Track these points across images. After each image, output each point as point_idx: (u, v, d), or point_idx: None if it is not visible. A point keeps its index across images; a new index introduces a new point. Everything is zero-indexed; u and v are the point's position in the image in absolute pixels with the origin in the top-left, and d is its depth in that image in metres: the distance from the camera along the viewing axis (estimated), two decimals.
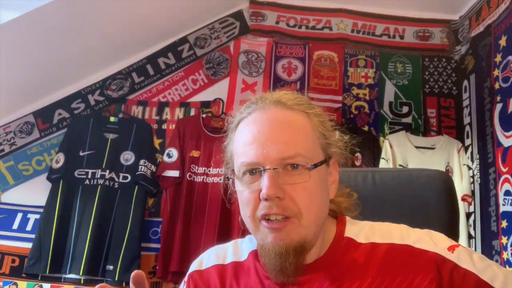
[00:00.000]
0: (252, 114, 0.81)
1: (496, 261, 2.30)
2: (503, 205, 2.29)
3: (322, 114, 0.84)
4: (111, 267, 2.49)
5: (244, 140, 0.79)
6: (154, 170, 2.69)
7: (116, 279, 2.48)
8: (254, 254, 0.87)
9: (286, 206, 0.75)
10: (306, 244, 0.77)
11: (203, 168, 2.69)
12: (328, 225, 0.83)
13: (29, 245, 2.53)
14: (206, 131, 2.76)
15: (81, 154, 2.66)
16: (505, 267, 2.20)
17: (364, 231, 0.83)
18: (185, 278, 0.92)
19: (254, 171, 0.77)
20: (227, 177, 0.83)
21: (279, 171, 0.75)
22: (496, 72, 2.48)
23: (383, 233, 0.83)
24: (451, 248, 0.79)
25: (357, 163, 2.60)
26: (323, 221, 0.81)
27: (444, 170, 2.62)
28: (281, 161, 0.75)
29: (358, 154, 2.62)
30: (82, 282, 2.51)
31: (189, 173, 2.67)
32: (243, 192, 0.78)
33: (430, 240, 0.80)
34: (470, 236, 2.59)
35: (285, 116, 0.79)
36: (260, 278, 0.83)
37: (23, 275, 2.52)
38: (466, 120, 2.83)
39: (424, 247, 0.79)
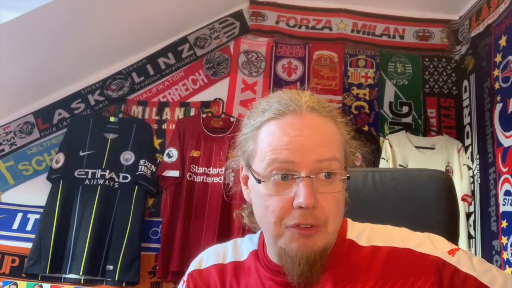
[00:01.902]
0: (285, 117, 0.78)
1: (496, 261, 2.30)
2: (503, 205, 2.29)
3: (346, 122, 0.85)
4: (111, 267, 2.49)
5: (277, 141, 0.76)
6: (154, 170, 2.69)
7: (116, 279, 2.48)
8: (255, 254, 0.87)
9: (317, 215, 0.75)
10: (327, 249, 0.78)
11: (203, 168, 2.69)
12: None
13: (29, 245, 2.53)
14: (206, 131, 2.76)
15: (81, 154, 2.66)
16: (505, 267, 2.20)
17: (365, 234, 0.84)
18: (184, 277, 0.91)
19: (286, 176, 0.75)
20: (260, 179, 0.77)
21: (313, 179, 0.74)
22: (496, 72, 2.48)
23: (384, 236, 0.83)
24: (452, 252, 0.79)
25: (357, 163, 2.60)
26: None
27: (444, 170, 2.62)
28: (318, 163, 0.74)
29: (358, 154, 2.61)
30: (82, 282, 2.51)
31: (189, 173, 2.67)
32: (270, 197, 0.76)
33: (430, 244, 0.80)
34: (470, 236, 2.59)
35: (320, 123, 0.78)
36: (261, 279, 0.83)
37: (23, 275, 2.52)
38: (466, 120, 2.83)
39: (425, 251, 0.79)
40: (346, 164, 0.82)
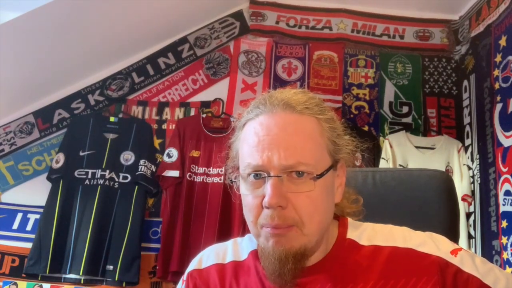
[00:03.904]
0: (259, 116, 0.79)
1: (496, 261, 2.30)
2: (503, 205, 2.29)
3: (332, 118, 0.82)
4: (111, 267, 2.49)
5: (250, 141, 0.77)
6: (154, 170, 2.69)
7: (116, 279, 2.48)
8: (254, 254, 0.86)
9: (288, 215, 0.74)
10: (307, 251, 0.76)
11: (203, 168, 2.69)
12: (330, 227, 0.83)
13: (29, 245, 2.53)
14: (206, 131, 2.76)
15: (81, 154, 2.66)
16: (505, 267, 2.20)
17: (366, 234, 0.83)
18: (184, 277, 0.91)
19: (258, 175, 0.76)
20: (231, 180, 0.82)
21: (284, 178, 0.74)
22: (496, 72, 2.48)
23: (385, 235, 0.82)
24: (454, 252, 0.79)
25: (357, 163, 2.60)
26: (326, 227, 0.80)
27: (444, 170, 2.62)
28: (283, 168, 0.74)
29: (357, 154, 2.61)
30: (82, 282, 2.51)
31: (189, 173, 2.67)
32: (247, 197, 0.78)
33: (433, 244, 0.80)
34: (470, 236, 2.59)
35: (292, 121, 0.77)
36: (261, 278, 0.83)
37: (23, 275, 2.52)
38: (466, 120, 2.83)
39: (427, 251, 0.79)
40: (336, 160, 0.80)
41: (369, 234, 0.83)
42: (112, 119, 2.77)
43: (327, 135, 0.79)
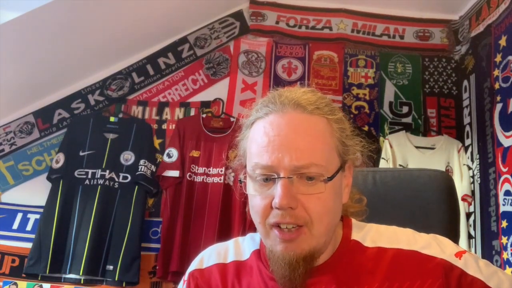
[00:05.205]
0: (269, 116, 0.77)
1: (496, 261, 2.30)
2: (503, 205, 2.29)
3: (342, 119, 0.81)
4: (111, 267, 2.49)
5: (260, 141, 0.76)
6: (154, 170, 2.69)
7: (116, 279, 2.48)
8: (257, 253, 0.86)
9: (298, 215, 0.73)
10: (316, 253, 0.76)
11: (203, 168, 2.69)
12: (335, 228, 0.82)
13: (29, 245, 2.53)
14: (206, 131, 2.76)
15: (81, 154, 2.66)
16: (505, 267, 2.20)
17: (370, 235, 0.83)
18: (185, 277, 0.90)
19: (268, 179, 0.75)
20: (240, 181, 0.80)
21: (294, 179, 0.73)
22: (496, 72, 2.48)
23: (390, 237, 0.82)
24: (458, 255, 0.79)
25: (357, 163, 2.59)
26: (334, 228, 0.80)
27: (444, 170, 2.62)
28: (294, 169, 0.73)
29: (357, 154, 2.61)
30: (82, 282, 2.51)
31: (189, 173, 2.67)
32: (254, 197, 0.77)
33: (437, 246, 0.80)
34: (470, 236, 2.59)
35: (303, 121, 0.76)
36: (264, 279, 0.82)
37: (23, 275, 2.52)
38: (466, 120, 2.83)
39: (432, 253, 0.78)
40: (345, 160, 0.80)
41: (373, 235, 0.83)
42: (112, 119, 2.77)
43: (336, 136, 0.78)
